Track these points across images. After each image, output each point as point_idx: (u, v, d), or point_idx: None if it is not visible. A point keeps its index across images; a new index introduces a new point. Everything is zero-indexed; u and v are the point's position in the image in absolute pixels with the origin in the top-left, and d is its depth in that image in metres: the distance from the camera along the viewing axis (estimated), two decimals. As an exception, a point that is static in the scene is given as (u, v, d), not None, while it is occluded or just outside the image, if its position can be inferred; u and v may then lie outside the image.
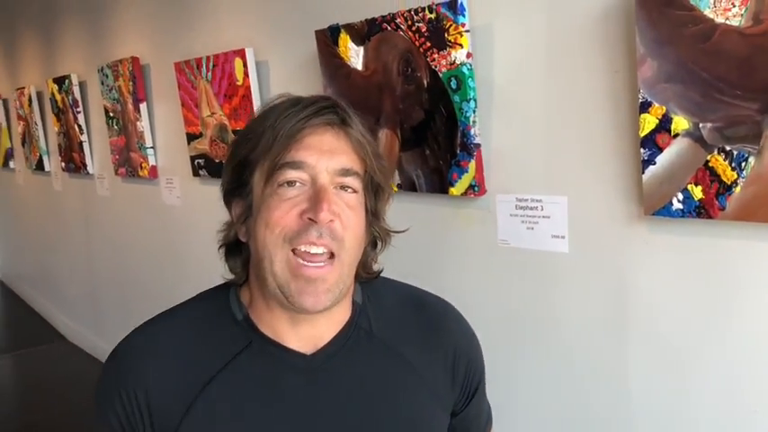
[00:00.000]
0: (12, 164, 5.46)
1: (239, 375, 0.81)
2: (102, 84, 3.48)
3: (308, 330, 0.83)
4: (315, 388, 0.82)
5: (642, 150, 1.32)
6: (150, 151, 3.21)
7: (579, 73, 1.46)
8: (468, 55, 1.59)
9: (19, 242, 5.88)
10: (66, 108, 4.02)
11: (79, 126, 3.90)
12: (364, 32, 1.84)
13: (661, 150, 1.30)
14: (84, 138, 3.90)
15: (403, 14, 1.70)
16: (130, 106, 3.24)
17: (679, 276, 1.36)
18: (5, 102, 5.36)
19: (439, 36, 1.63)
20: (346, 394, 0.83)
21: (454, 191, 1.71)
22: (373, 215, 0.85)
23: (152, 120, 3.18)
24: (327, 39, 1.96)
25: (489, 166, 1.66)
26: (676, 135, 1.27)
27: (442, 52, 1.63)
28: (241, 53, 2.37)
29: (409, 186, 1.85)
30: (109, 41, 3.50)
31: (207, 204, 2.84)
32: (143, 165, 3.26)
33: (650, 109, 1.30)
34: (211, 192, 2.79)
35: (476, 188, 1.67)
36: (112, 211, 3.81)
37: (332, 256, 0.78)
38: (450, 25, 1.59)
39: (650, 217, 1.35)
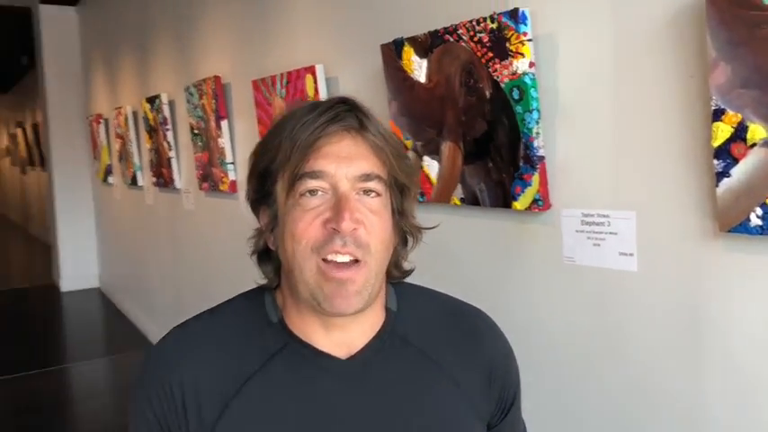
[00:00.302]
0: (110, 179, 5.81)
1: (274, 377, 0.81)
2: (188, 102, 3.64)
3: (341, 335, 0.82)
4: (349, 392, 0.81)
5: (716, 162, 1.23)
6: (230, 167, 3.31)
7: (647, 80, 1.37)
8: (531, 64, 1.54)
9: (116, 253, 6.23)
10: (156, 126, 4.23)
11: (168, 143, 4.10)
12: (427, 45, 1.82)
13: (737, 161, 1.20)
14: (172, 154, 4.09)
15: (465, 25, 1.67)
16: (213, 123, 3.37)
17: (757, 299, 1.25)
18: (107, 121, 5.72)
19: (501, 46, 1.58)
20: (381, 400, 0.81)
21: (517, 205, 1.65)
22: (400, 214, 0.84)
23: (233, 136, 3.29)
24: (392, 52, 1.96)
25: (554, 180, 1.60)
26: (753, 145, 1.17)
27: (503, 62, 1.59)
28: (311, 69, 2.41)
29: (472, 200, 1.80)
30: (195, 62, 3.66)
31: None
32: (224, 179, 3.37)
33: (724, 117, 1.20)
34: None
35: (539, 202, 1.60)
36: (196, 224, 3.97)
37: (357, 261, 0.77)
38: (512, 35, 1.54)
39: (726, 234, 1.25)
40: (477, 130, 1.73)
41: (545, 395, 1.64)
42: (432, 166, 1.93)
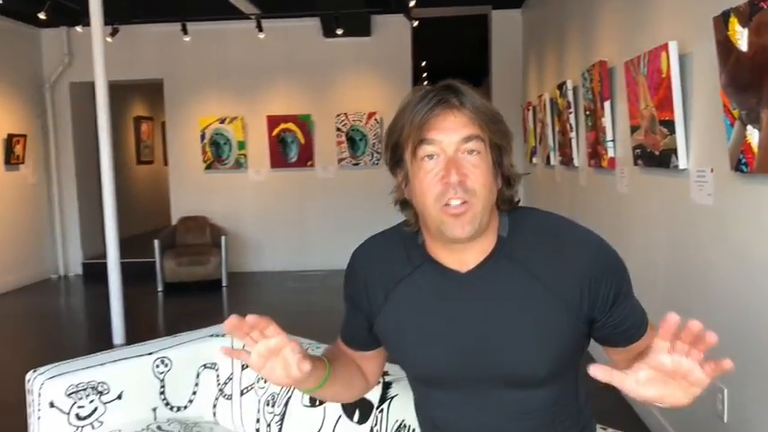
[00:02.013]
0: (534, 160, 6.53)
1: (417, 281, 1.19)
2: (583, 86, 4.00)
3: (460, 256, 1.15)
4: (465, 297, 1.15)
5: None
6: (610, 144, 3.57)
7: None
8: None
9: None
10: (563, 110, 4.70)
11: (570, 124, 4.53)
12: (747, 14, 1.84)
13: None
14: (572, 135, 4.51)
15: (774, -9, 1.67)
16: (599, 104, 3.67)
17: None
18: (534, 108, 6.44)
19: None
20: (489, 301, 1.13)
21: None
22: (500, 165, 1.13)
23: (614, 115, 3.54)
24: (721, 24, 2.01)
25: None
26: None
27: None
28: (665, 47, 2.54)
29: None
30: (590, 48, 4.00)
31: (648, 192, 3.06)
32: (604, 156, 3.65)
33: None
34: (648, 180, 3.01)
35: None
36: (588, 200, 4.31)
37: (465, 202, 1.08)
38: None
39: None
40: (786, 95, 1.71)
41: None
42: (753, 135, 1.93)
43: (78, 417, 1.98)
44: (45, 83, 7.63)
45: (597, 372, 0.90)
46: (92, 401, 2.01)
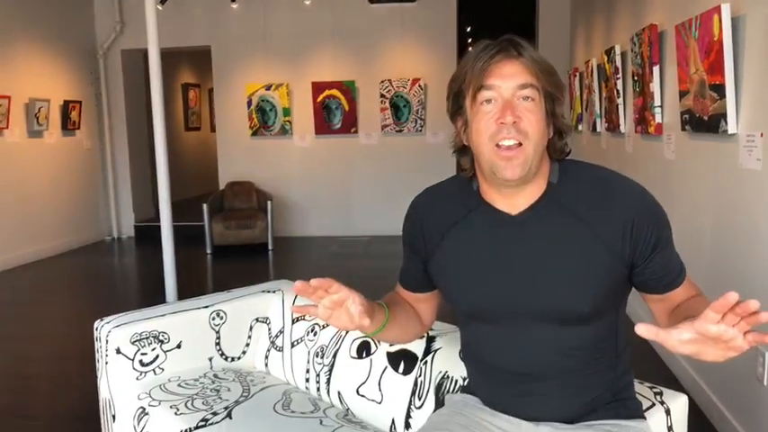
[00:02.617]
0: (580, 127, 6.46)
1: (471, 223, 1.30)
2: (632, 51, 3.94)
3: (512, 200, 1.25)
4: (515, 237, 1.25)
5: None
6: (657, 110, 3.53)
7: None
8: None
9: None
10: (610, 75, 4.64)
11: (617, 90, 4.47)
12: (802, -26, 1.81)
13: None
14: (619, 101, 4.45)
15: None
16: (647, 69, 3.62)
17: None
18: (581, 74, 6.34)
19: None
20: (537, 242, 1.22)
21: None
22: (552, 115, 1.21)
23: (662, 80, 3.49)
24: (775, -15, 1.97)
25: None
26: None
27: None
28: (718, 10, 2.49)
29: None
30: (642, 12, 3.92)
31: (695, 158, 3.03)
32: (651, 122, 3.61)
33: None
34: (695, 146, 2.98)
35: None
36: (634, 166, 4.28)
37: (520, 144, 1.17)
38: None
39: None
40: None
41: None
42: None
43: (142, 363, 2.13)
44: (98, 50, 7.84)
45: (642, 330, 0.94)
46: (154, 349, 2.15)
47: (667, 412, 1.45)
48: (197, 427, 1.81)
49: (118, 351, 2.09)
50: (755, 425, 2.35)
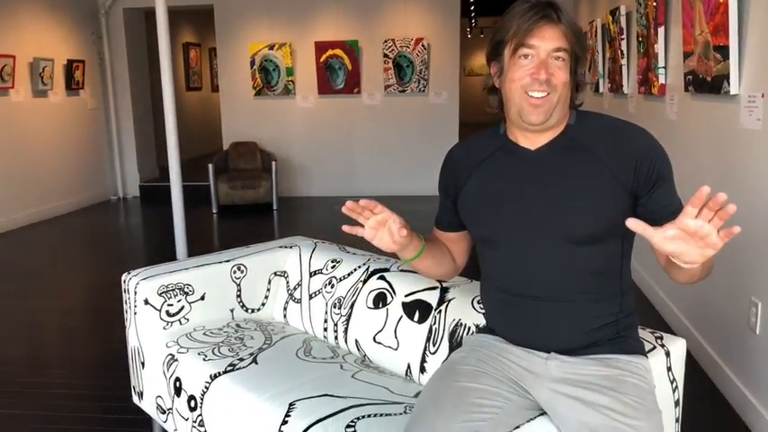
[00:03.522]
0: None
1: (496, 160, 1.47)
2: (637, 12, 3.98)
3: (533, 138, 1.41)
4: (535, 168, 1.41)
5: None
6: (661, 71, 3.59)
7: None
8: None
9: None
10: (615, 36, 4.67)
11: (621, 51, 4.51)
12: (807, -62, 1.86)
13: None
14: (623, 61, 4.50)
15: None
16: (652, 30, 3.67)
17: None
18: (585, 35, 6.35)
19: None
20: (552, 171, 1.38)
21: None
22: (575, 73, 1.36)
23: (667, 41, 3.54)
24: (781, -51, 2.02)
25: None
26: None
27: None
28: (724, -28, 2.54)
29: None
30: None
31: (697, 118, 3.11)
32: (654, 83, 3.67)
33: None
34: (698, 106, 3.05)
35: None
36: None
37: (548, 95, 1.33)
38: None
39: None
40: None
41: None
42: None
43: (168, 314, 2.24)
44: (100, 9, 7.80)
45: (632, 223, 1.09)
46: (179, 300, 2.26)
47: (667, 354, 1.57)
48: (225, 372, 1.93)
49: (146, 302, 2.20)
50: (748, 372, 2.49)
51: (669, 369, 1.57)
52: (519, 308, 1.44)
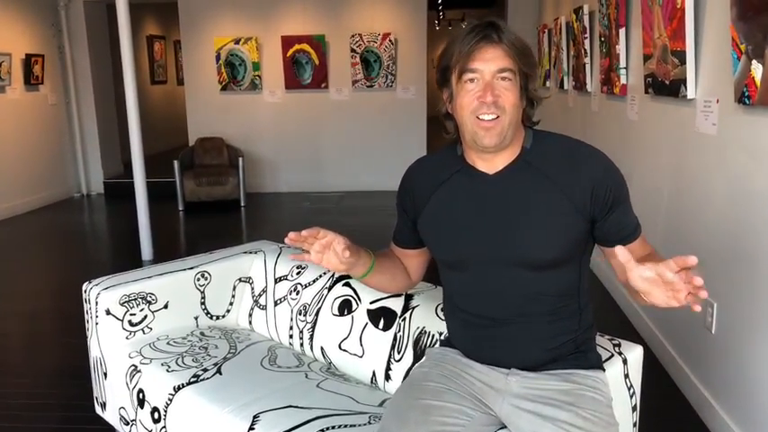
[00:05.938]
0: (547, 84, 6.56)
1: (454, 183, 1.46)
2: (600, 11, 4.03)
3: (489, 161, 1.42)
4: (492, 193, 1.41)
5: None
6: (623, 71, 3.65)
7: None
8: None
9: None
10: (578, 35, 4.72)
11: (585, 50, 4.57)
12: (759, -49, 1.91)
13: None
14: (586, 60, 4.56)
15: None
16: (614, 31, 3.72)
17: None
18: (550, 31, 6.41)
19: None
20: (509, 196, 1.39)
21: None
22: (526, 89, 1.36)
23: (628, 43, 3.59)
24: (734, -40, 2.07)
25: None
26: None
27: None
28: (681, -22, 2.58)
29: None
30: (610, -27, 3.98)
31: (656, 120, 3.17)
32: (616, 83, 3.73)
33: None
34: (657, 108, 3.11)
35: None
36: (599, 125, 4.41)
37: (498, 117, 1.33)
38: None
39: None
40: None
41: None
42: (757, 70, 2.04)
43: (131, 323, 2.22)
44: (59, 1, 7.61)
45: (620, 251, 1.14)
46: (142, 310, 2.24)
47: (624, 362, 1.61)
48: (189, 383, 1.92)
49: (108, 312, 2.18)
50: (705, 369, 2.56)
51: (626, 376, 1.61)
52: (480, 328, 1.46)
